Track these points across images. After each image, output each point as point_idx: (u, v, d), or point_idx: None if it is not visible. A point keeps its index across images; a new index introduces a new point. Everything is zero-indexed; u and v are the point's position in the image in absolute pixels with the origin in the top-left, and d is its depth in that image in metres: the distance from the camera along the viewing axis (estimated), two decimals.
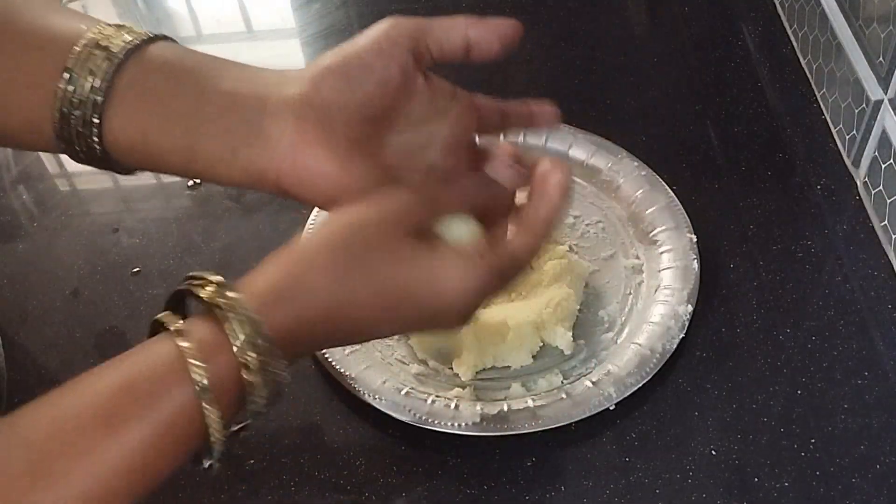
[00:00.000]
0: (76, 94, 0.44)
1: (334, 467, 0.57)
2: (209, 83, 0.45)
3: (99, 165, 0.47)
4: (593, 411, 0.57)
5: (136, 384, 0.38)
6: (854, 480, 0.55)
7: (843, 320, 0.63)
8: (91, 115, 0.44)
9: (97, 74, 0.44)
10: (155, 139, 0.45)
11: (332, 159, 0.44)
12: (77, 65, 0.44)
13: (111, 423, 0.36)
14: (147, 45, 0.45)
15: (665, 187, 0.69)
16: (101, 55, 0.44)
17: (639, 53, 0.85)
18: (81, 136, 0.44)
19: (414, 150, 0.47)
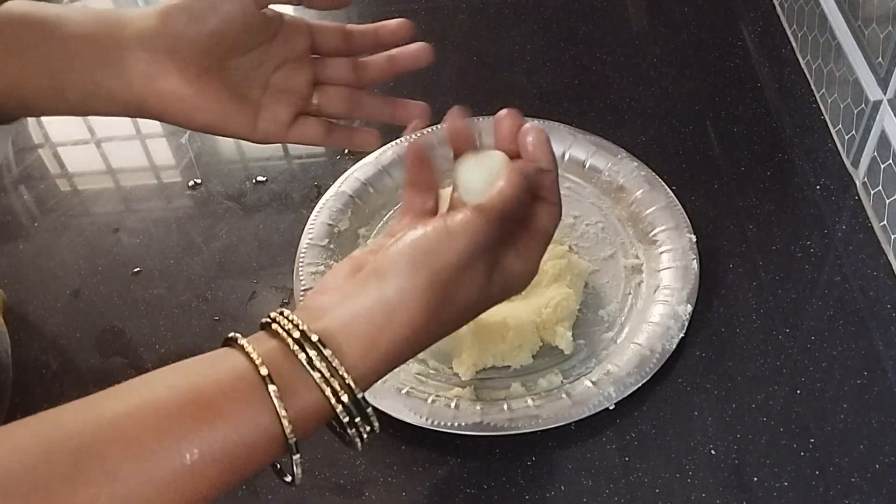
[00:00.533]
0: None
1: (334, 467, 0.57)
2: (66, 28, 0.50)
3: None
4: (593, 411, 0.57)
5: (210, 396, 0.38)
6: (853, 480, 0.55)
7: (842, 320, 0.63)
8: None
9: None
10: (24, 84, 0.50)
11: (185, 84, 0.51)
12: None
13: (173, 431, 0.37)
14: (3, 1, 0.50)
15: (665, 187, 0.69)
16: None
17: (639, 53, 0.85)
18: None
19: (253, 70, 0.54)
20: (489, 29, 0.88)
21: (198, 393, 0.38)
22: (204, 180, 0.76)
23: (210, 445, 0.37)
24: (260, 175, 0.76)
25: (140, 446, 0.36)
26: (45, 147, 0.82)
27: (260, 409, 0.39)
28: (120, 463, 0.35)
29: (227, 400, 0.38)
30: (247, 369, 0.40)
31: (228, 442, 0.38)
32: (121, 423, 0.36)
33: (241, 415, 0.38)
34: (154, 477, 0.36)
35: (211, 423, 0.37)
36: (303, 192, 0.75)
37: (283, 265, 0.67)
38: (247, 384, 0.39)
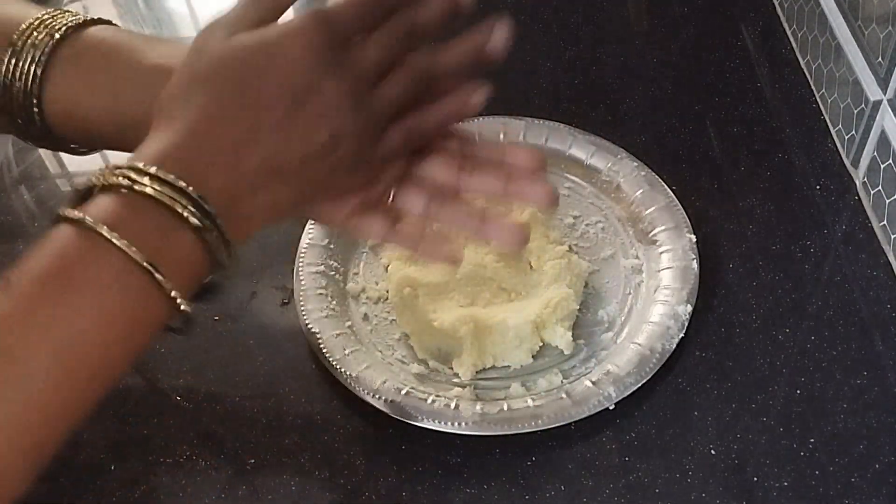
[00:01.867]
0: (18, 67, 0.47)
1: (334, 467, 0.57)
2: (138, 55, 0.48)
3: (37, 138, 0.50)
4: (593, 411, 0.57)
5: (59, 273, 0.38)
6: (853, 480, 0.55)
7: (842, 320, 0.63)
8: (31, 85, 0.47)
9: (38, 48, 0.47)
10: (88, 107, 0.48)
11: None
12: (21, 40, 0.48)
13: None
14: (87, 25, 0.49)
15: (665, 187, 0.69)
16: (44, 32, 0.48)
17: (639, 53, 0.85)
18: (22, 106, 0.48)
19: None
20: None
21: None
22: None
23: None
24: None
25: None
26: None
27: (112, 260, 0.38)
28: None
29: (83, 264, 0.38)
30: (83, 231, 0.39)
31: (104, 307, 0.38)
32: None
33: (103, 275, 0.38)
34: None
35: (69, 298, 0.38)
36: None
37: (283, 265, 0.67)
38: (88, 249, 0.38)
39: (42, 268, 0.38)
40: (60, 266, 0.38)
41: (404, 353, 0.62)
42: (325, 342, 0.61)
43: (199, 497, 0.56)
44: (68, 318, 0.37)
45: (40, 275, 0.38)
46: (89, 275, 0.38)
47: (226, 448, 0.58)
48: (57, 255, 0.39)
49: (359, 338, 0.62)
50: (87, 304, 0.38)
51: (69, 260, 0.38)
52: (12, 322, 0.37)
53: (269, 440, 0.58)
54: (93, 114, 0.48)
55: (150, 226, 0.39)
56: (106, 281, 0.38)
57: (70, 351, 0.37)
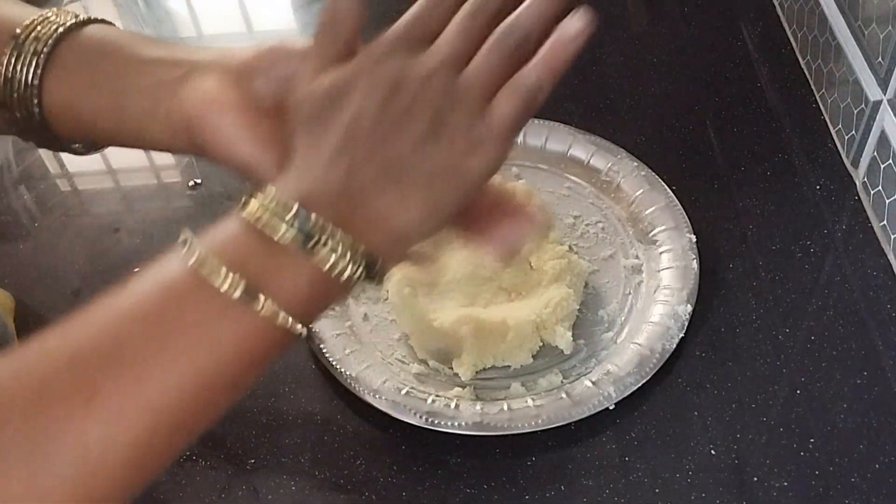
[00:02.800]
0: (20, 61, 0.47)
1: (334, 467, 0.57)
2: (139, 53, 0.48)
3: (36, 136, 0.50)
4: (593, 411, 0.57)
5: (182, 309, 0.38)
6: (853, 480, 0.55)
7: (842, 320, 0.63)
8: (32, 77, 0.47)
9: (41, 41, 0.48)
10: (88, 102, 0.48)
11: (240, 115, 0.46)
12: (24, 33, 0.48)
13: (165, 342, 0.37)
14: (88, 24, 0.49)
15: (665, 187, 0.69)
16: (47, 27, 0.48)
17: (639, 53, 0.85)
18: (22, 99, 0.48)
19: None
20: None
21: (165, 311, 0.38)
22: (204, 180, 0.76)
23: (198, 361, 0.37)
24: None
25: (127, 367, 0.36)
26: None
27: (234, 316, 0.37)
28: (147, 359, 0.36)
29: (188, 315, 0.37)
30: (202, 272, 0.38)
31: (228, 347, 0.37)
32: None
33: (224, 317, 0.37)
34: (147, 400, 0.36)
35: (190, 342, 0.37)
36: None
37: None
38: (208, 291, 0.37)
39: (157, 287, 0.38)
40: (170, 293, 0.38)
41: (404, 353, 0.62)
42: (325, 342, 0.61)
43: (199, 497, 0.56)
44: (173, 343, 0.37)
45: (153, 294, 0.38)
46: (200, 312, 0.38)
47: (226, 448, 0.58)
48: (169, 280, 0.39)
49: (359, 338, 0.62)
50: (195, 337, 0.37)
51: (180, 291, 0.38)
52: (100, 358, 0.36)
53: (269, 440, 0.58)
54: (93, 109, 0.49)
55: (265, 257, 0.39)
56: (216, 322, 0.37)
57: (164, 401, 0.36)
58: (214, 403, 0.38)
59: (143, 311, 0.38)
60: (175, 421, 0.37)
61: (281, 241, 0.38)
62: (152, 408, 0.36)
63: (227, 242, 0.39)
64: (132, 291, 0.39)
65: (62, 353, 0.36)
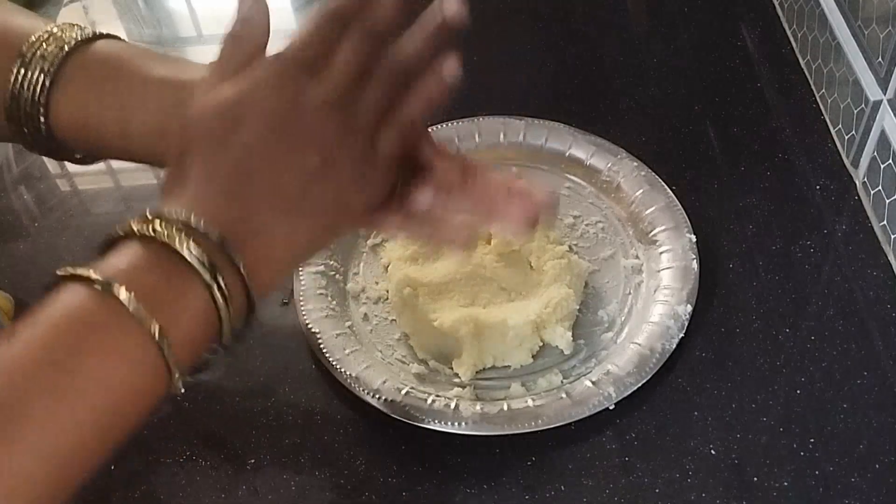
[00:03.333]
0: (27, 77, 0.48)
1: (334, 467, 0.57)
2: (146, 69, 0.48)
3: (41, 147, 0.50)
4: (593, 411, 0.57)
5: (74, 334, 0.37)
6: (853, 480, 0.55)
7: (842, 320, 0.63)
8: (39, 95, 0.48)
9: (48, 59, 0.48)
10: (94, 117, 0.49)
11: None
12: (30, 51, 0.48)
13: (60, 373, 0.36)
14: (95, 40, 0.49)
15: (665, 187, 0.69)
16: (54, 44, 0.48)
17: (639, 53, 0.85)
18: (29, 116, 0.48)
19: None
20: (489, 29, 0.88)
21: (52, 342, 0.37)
22: None
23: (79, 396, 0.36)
24: None
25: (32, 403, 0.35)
26: None
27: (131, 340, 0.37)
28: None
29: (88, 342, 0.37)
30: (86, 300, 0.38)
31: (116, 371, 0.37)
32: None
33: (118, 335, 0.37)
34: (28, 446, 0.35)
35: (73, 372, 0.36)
36: None
37: None
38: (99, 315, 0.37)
39: (49, 324, 0.37)
40: (67, 325, 0.37)
41: (404, 353, 0.62)
42: (325, 342, 0.61)
43: (199, 497, 0.56)
44: (67, 385, 0.36)
45: (46, 331, 0.37)
46: (97, 339, 0.37)
47: (226, 448, 0.58)
48: (65, 312, 0.38)
49: (359, 338, 0.62)
50: (92, 370, 0.37)
51: (77, 321, 0.37)
52: (12, 377, 0.36)
53: (269, 440, 0.58)
54: (98, 124, 0.49)
55: (164, 282, 0.38)
56: (113, 348, 0.37)
57: (62, 422, 0.36)
58: (99, 451, 0.37)
59: (31, 356, 0.37)
60: (62, 465, 0.36)
61: (187, 255, 0.38)
62: (40, 456, 0.35)
63: (125, 266, 0.39)
64: (19, 336, 0.38)
65: None
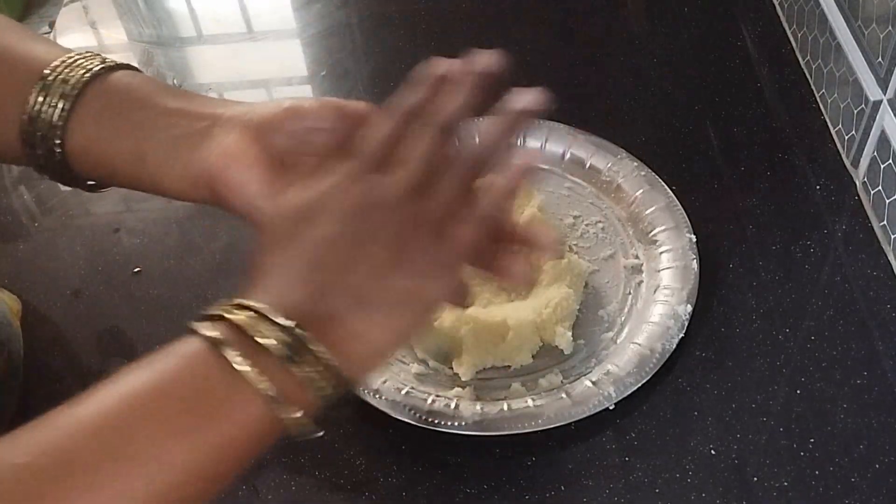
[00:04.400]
0: (47, 100, 0.48)
1: (334, 467, 0.57)
2: (163, 102, 0.49)
3: (53, 171, 0.50)
4: (593, 411, 0.57)
5: (185, 393, 0.38)
6: (853, 480, 0.55)
7: (842, 320, 0.63)
8: (57, 118, 0.48)
9: (69, 83, 0.49)
10: (109, 146, 0.49)
11: (261, 170, 0.48)
12: (54, 74, 0.49)
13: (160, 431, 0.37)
14: (114, 70, 0.50)
15: (665, 187, 0.69)
16: (77, 70, 0.49)
17: (639, 53, 0.85)
18: (45, 139, 0.49)
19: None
20: (489, 29, 0.88)
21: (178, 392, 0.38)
22: None
23: (196, 447, 0.37)
24: None
25: (120, 454, 0.36)
26: None
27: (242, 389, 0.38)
28: (101, 469, 0.35)
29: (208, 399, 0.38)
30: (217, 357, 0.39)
31: (216, 439, 0.38)
32: (102, 430, 0.36)
33: (228, 401, 0.38)
34: (138, 484, 0.36)
35: (196, 424, 0.37)
36: None
37: None
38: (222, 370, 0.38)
39: (165, 384, 0.38)
40: (191, 390, 0.38)
41: (404, 353, 0.62)
42: None
43: None
44: (194, 438, 0.37)
45: (163, 391, 0.38)
46: (242, 393, 0.38)
47: None
48: (188, 376, 0.39)
49: None
50: (231, 420, 0.38)
51: (203, 386, 0.38)
52: (110, 435, 0.36)
53: None
54: (113, 152, 0.49)
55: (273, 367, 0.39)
56: (257, 398, 0.39)
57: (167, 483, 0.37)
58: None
59: (97, 423, 0.37)
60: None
61: (270, 346, 0.39)
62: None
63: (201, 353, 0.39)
64: (93, 400, 0.38)
65: (14, 460, 0.35)
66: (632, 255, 0.67)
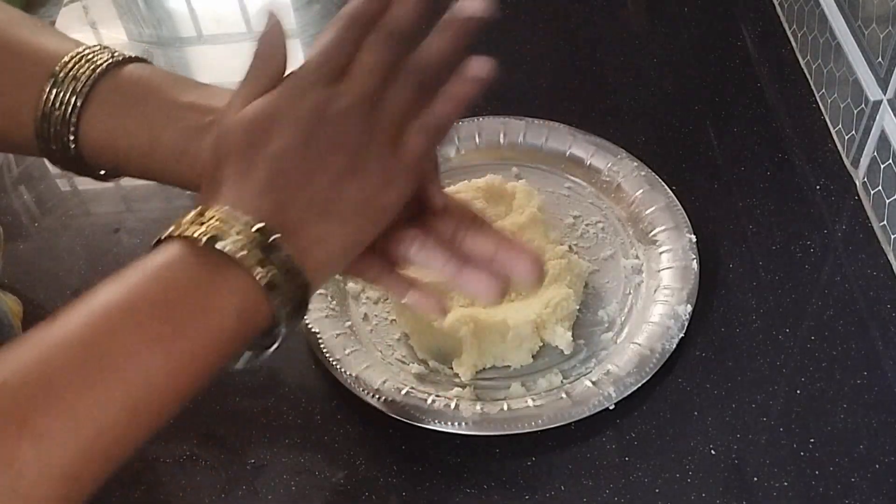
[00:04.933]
0: (59, 97, 0.49)
1: (334, 467, 0.57)
2: (174, 95, 0.50)
3: (67, 164, 0.51)
4: (593, 411, 0.57)
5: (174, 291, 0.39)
6: (853, 480, 0.55)
7: (842, 320, 0.63)
8: (70, 114, 0.49)
9: (80, 80, 0.49)
10: (122, 138, 0.50)
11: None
12: (63, 71, 0.49)
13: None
14: (127, 62, 0.51)
15: (665, 187, 0.69)
16: (87, 66, 0.49)
17: (639, 53, 0.85)
18: (58, 133, 0.49)
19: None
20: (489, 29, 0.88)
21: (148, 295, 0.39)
22: None
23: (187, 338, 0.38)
24: None
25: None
26: None
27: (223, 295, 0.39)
28: (78, 380, 0.36)
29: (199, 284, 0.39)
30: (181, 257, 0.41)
31: (189, 346, 0.39)
32: (80, 343, 0.37)
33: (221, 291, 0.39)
34: (117, 394, 0.37)
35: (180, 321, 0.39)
36: None
37: None
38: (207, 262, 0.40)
39: (145, 287, 0.40)
40: (165, 297, 0.40)
41: (404, 353, 0.62)
42: (325, 342, 0.61)
43: (199, 497, 0.56)
44: (168, 345, 0.38)
45: (150, 280, 0.40)
46: (212, 299, 0.40)
47: (226, 448, 0.58)
48: (162, 284, 0.40)
49: (359, 338, 0.62)
50: (203, 327, 0.39)
51: (176, 294, 0.40)
52: (31, 387, 0.36)
53: (269, 440, 0.58)
54: (126, 145, 0.50)
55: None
56: (227, 305, 0.40)
57: (154, 380, 0.38)
58: (144, 428, 0.39)
59: (72, 338, 0.38)
60: (106, 447, 0.37)
61: (235, 252, 0.40)
62: (84, 435, 0.36)
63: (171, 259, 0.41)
64: (68, 317, 0.39)
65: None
66: (632, 256, 0.67)
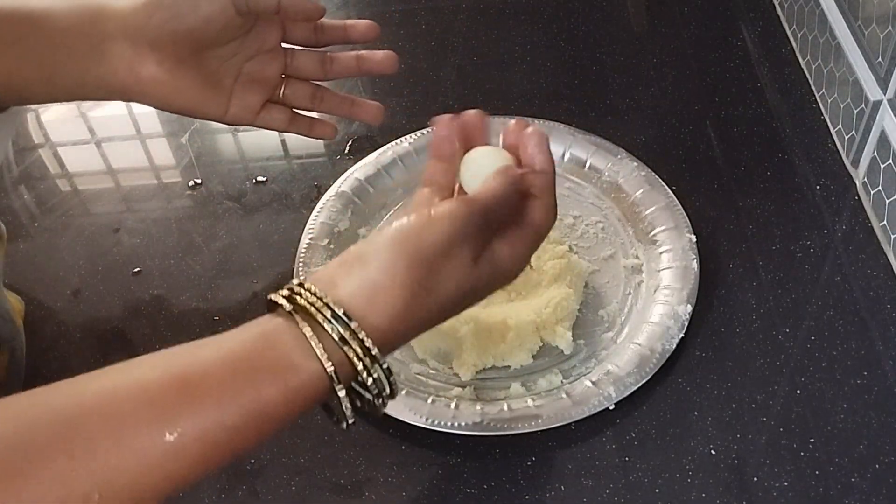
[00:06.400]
0: None
1: (334, 467, 0.57)
2: (52, 20, 0.54)
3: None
4: (593, 411, 0.57)
5: (197, 377, 0.40)
6: (853, 480, 0.55)
7: (842, 320, 0.63)
8: None
9: None
10: (17, 76, 0.54)
11: (164, 72, 0.56)
12: None
13: (153, 408, 0.38)
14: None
15: (665, 187, 0.69)
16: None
17: (639, 53, 0.85)
18: None
19: (228, 60, 0.59)
20: (489, 29, 0.88)
21: (183, 374, 0.39)
22: (204, 180, 0.76)
23: (193, 424, 0.38)
24: (260, 175, 0.76)
25: (119, 422, 0.37)
26: (45, 147, 0.82)
27: (259, 384, 0.40)
28: (98, 438, 0.36)
29: (215, 379, 0.39)
30: (240, 346, 0.41)
31: (211, 422, 0.39)
32: (103, 399, 0.37)
33: (226, 394, 0.40)
34: (133, 453, 0.37)
35: (194, 403, 0.38)
36: (303, 192, 0.75)
37: (283, 265, 0.67)
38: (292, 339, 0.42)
39: (238, 350, 0.41)
40: (261, 354, 0.41)
41: (404, 353, 0.62)
42: None
43: (199, 497, 0.56)
44: (240, 405, 0.40)
45: (236, 356, 0.41)
46: (285, 377, 0.41)
47: None
48: (260, 343, 0.42)
49: None
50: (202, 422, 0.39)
51: (272, 350, 0.41)
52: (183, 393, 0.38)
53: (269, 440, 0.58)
54: (22, 81, 0.54)
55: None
56: (295, 383, 0.41)
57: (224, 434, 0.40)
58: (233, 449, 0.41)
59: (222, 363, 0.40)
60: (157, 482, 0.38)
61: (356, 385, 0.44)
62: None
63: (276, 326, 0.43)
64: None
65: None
66: (632, 255, 0.67)
